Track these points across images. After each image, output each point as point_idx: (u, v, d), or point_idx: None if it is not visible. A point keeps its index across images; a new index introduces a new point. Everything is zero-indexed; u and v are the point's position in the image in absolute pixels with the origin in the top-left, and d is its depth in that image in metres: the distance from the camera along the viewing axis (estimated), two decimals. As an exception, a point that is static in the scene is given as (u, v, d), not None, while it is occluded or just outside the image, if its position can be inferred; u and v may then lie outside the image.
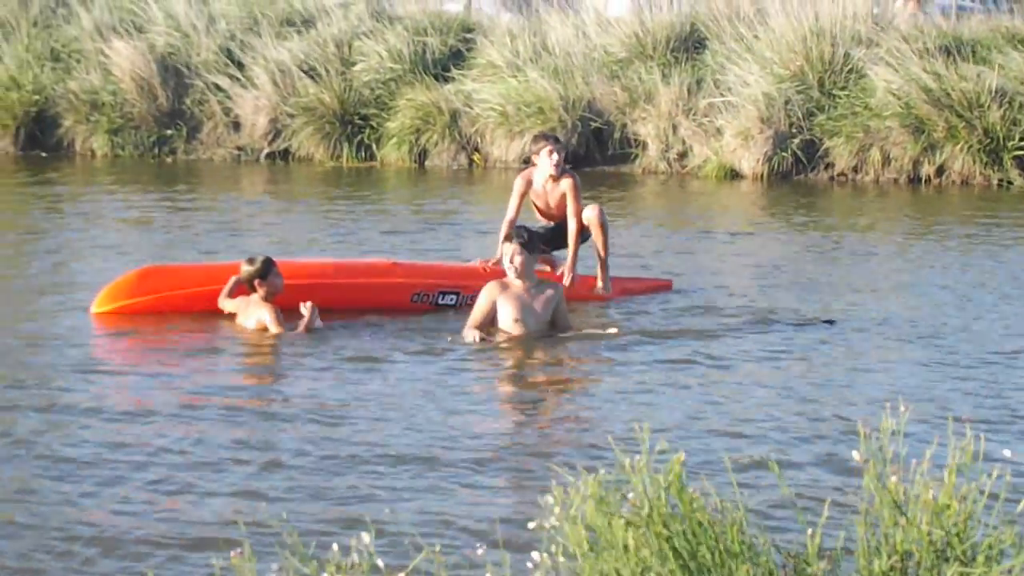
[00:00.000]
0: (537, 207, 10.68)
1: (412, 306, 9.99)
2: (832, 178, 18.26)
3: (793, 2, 19.17)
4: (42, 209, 15.30)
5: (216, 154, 19.82)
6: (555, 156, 10.39)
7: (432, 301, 10.04)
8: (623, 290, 10.72)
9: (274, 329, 9.06)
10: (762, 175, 18.07)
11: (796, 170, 18.26)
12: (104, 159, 19.64)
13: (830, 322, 9.65)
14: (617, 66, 19.30)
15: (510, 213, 10.40)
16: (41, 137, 19.94)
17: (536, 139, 10.85)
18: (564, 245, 10.58)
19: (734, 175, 18.19)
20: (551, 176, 10.43)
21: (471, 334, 8.95)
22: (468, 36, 20.25)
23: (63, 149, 19.93)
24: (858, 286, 11.36)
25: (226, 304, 9.45)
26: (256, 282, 9.23)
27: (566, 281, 10.29)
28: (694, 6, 20.17)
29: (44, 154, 19.66)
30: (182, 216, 14.75)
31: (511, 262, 9.07)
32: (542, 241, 10.15)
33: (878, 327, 9.75)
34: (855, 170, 18.23)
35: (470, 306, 9.55)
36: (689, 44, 19.41)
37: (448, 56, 19.99)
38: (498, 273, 9.77)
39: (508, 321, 9.01)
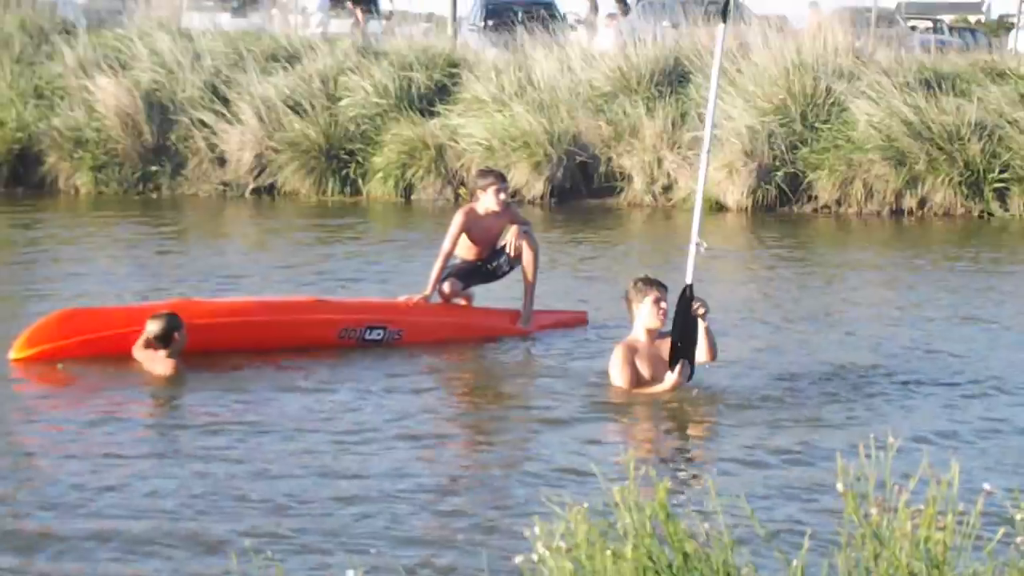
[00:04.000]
0: (474, 241, 10.54)
1: (339, 342, 9.97)
2: (816, 210, 18.35)
3: (775, 36, 19.31)
4: (20, 245, 15.27)
5: (201, 190, 19.82)
6: (502, 195, 10.42)
7: (359, 337, 10.03)
8: (538, 324, 10.66)
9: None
10: (747, 208, 18.15)
11: (780, 203, 18.35)
12: (88, 196, 19.62)
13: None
14: (602, 100, 19.39)
15: (446, 247, 10.31)
16: (24, 175, 19.91)
17: (483, 174, 10.84)
18: (483, 281, 10.63)
19: (719, 208, 18.27)
20: (494, 211, 10.46)
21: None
22: (453, 71, 20.32)
23: (47, 187, 19.89)
24: (832, 311, 11.42)
25: (137, 354, 9.19)
26: (157, 344, 9.15)
27: (525, 323, 10.39)
28: (678, 40, 20.28)
29: (28, 191, 19.62)
30: (161, 253, 14.70)
31: (658, 308, 8.56)
32: (473, 276, 10.47)
33: (857, 356, 9.78)
34: (838, 203, 18.33)
35: (398, 341, 9.74)
36: (673, 78, 19.51)
37: (434, 91, 20.05)
38: (423, 308, 9.96)
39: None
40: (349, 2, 27.40)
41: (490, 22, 24.60)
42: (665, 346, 8.53)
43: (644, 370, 8.53)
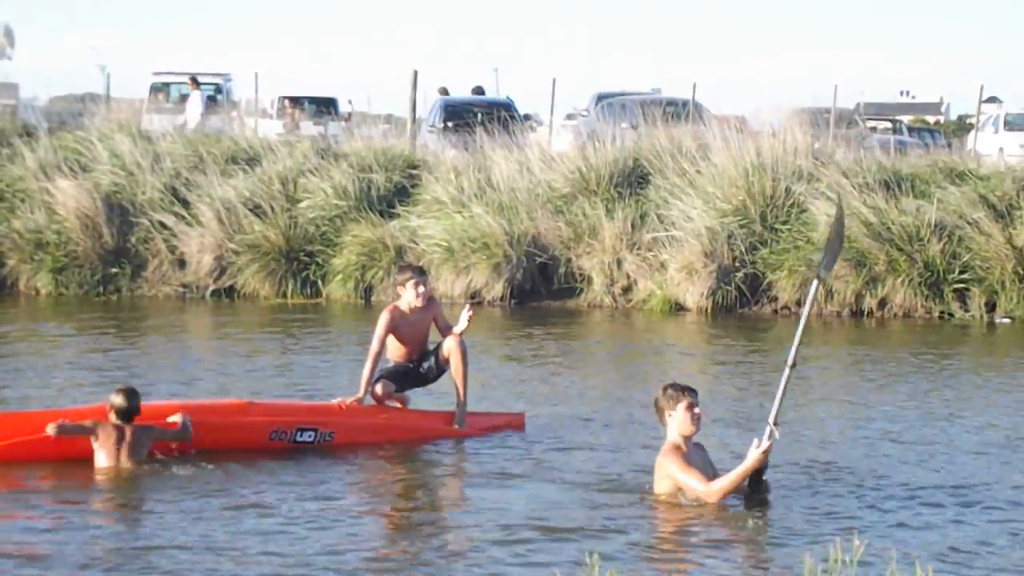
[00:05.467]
0: (402, 341, 10.48)
1: (270, 444, 9.85)
2: (776, 311, 18.37)
3: (735, 138, 19.44)
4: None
5: (161, 291, 19.72)
6: (421, 288, 10.37)
7: (290, 439, 9.91)
8: (477, 427, 10.54)
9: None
10: (706, 309, 18.16)
11: (740, 303, 18.37)
12: (48, 298, 19.49)
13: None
14: (561, 201, 19.44)
15: (374, 347, 10.24)
16: (-16, 276, 19.78)
17: (401, 270, 10.87)
18: (416, 384, 10.57)
19: (679, 308, 18.27)
20: (417, 307, 10.39)
21: None
22: (413, 172, 20.38)
23: (7, 288, 19.76)
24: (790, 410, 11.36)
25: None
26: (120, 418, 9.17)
27: (460, 424, 10.31)
28: (637, 141, 20.40)
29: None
30: (115, 355, 14.53)
31: (692, 414, 8.26)
32: (406, 379, 10.44)
33: (813, 453, 9.71)
34: (798, 303, 18.34)
35: (328, 443, 9.80)
36: (632, 179, 19.60)
37: (393, 192, 20.09)
38: (355, 411, 9.94)
39: None
40: (288, 103, 27.77)
41: (449, 123, 24.70)
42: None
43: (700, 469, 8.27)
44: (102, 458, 9.15)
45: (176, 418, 9.48)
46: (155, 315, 18.21)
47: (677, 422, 8.24)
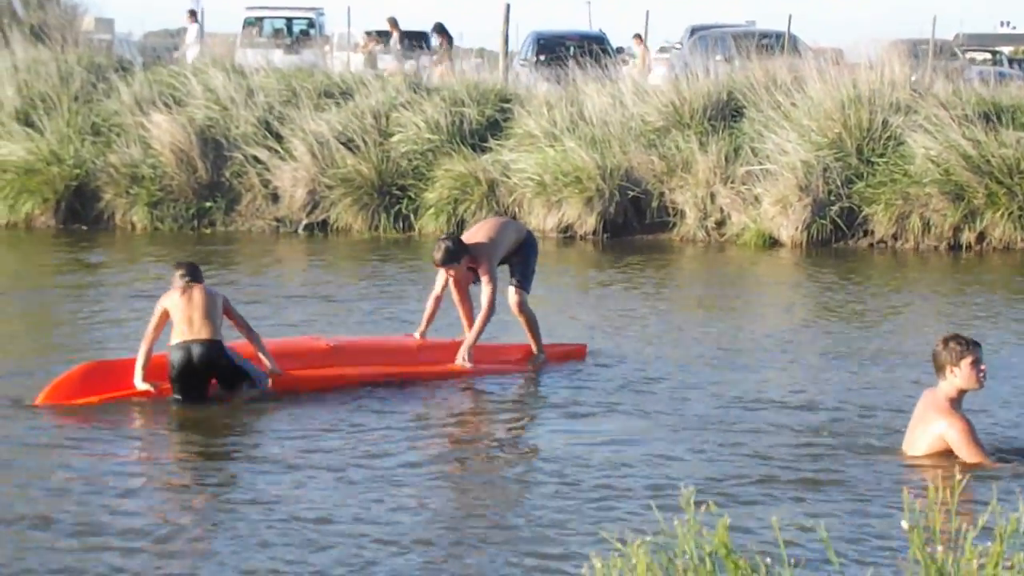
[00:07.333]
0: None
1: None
2: (872, 245, 18.16)
3: (831, 70, 19.17)
4: (74, 282, 15.33)
5: (255, 226, 19.87)
6: (451, 272, 10.34)
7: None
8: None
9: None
10: (801, 243, 17.99)
11: (835, 237, 18.18)
12: (144, 232, 19.70)
13: None
14: (654, 135, 19.30)
15: (437, 290, 10.48)
16: (82, 211, 20.02)
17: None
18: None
19: (773, 243, 18.12)
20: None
21: None
22: (505, 106, 20.31)
23: (103, 222, 20.00)
24: (887, 348, 11.25)
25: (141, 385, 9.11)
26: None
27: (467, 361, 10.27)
28: (731, 74, 20.18)
29: (85, 227, 19.74)
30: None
31: (978, 371, 7.66)
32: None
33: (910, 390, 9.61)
34: (895, 237, 18.13)
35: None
36: (726, 112, 19.40)
37: (485, 126, 20.04)
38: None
39: None
40: (365, 35, 27.58)
41: (541, 57, 24.60)
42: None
43: None
44: (178, 331, 9.10)
45: (265, 362, 9.40)
46: (249, 249, 18.37)
47: (962, 377, 7.66)
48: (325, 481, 7.48)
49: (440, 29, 25.28)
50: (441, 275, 10.42)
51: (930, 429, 7.74)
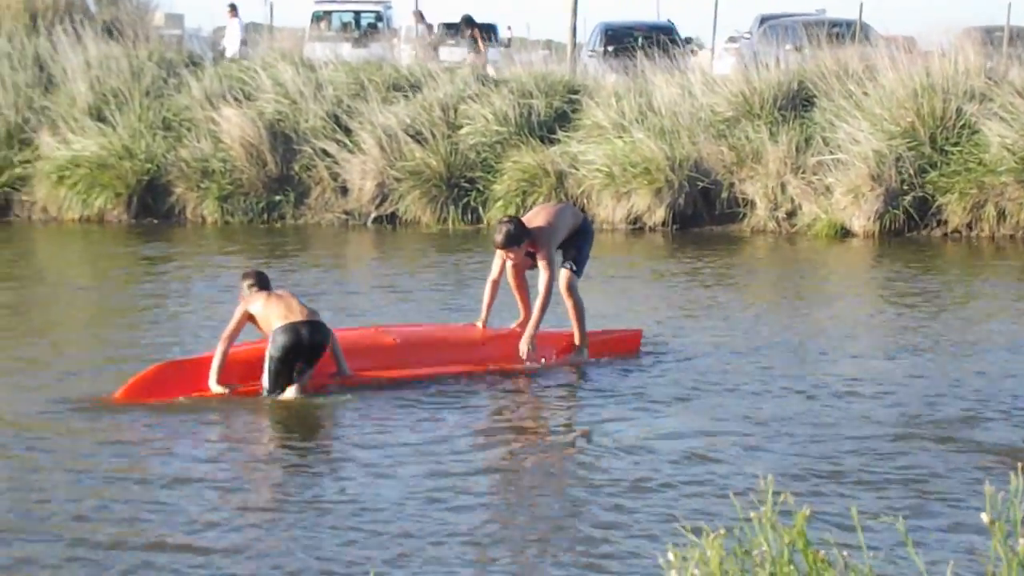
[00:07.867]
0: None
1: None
2: (946, 235, 17.94)
3: (903, 58, 18.95)
4: (148, 275, 15.44)
5: (324, 219, 19.94)
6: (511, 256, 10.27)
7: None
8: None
9: None
10: (874, 233, 17.81)
11: (908, 227, 17.97)
12: (214, 226, 19.81)
13: None
14: (724, 125, 19.16)
15: (494, 274, 10.40)
16: (153, 205, 20.17)
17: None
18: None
19: (844, 233, 17.95)
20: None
21: None
22: (573, 97, 20.24)
23: (174, 216, 20.14)
24: (965, 340, 11.09)
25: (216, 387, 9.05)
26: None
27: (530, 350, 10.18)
28: (801, 64, 19.99)
29: (156, 221, 19.89)
30: (277, 283, 14.63)
31: None
32: None
33: (1000, 384, 9.47)
34: (969, 227, 17.91)
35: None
36: (797, 102, 19.23)
37: (553, 118, 19.98)
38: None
39: None
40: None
41: (610, 48, 24.50)
42: None
43: None
44: (279, 316, 9.05)
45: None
46: (319, 242, 18.42)
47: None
48: (385, 478, 7.44)
49: (469, 21, 25.15)
50: (497, 260, 10.36)
51: None
